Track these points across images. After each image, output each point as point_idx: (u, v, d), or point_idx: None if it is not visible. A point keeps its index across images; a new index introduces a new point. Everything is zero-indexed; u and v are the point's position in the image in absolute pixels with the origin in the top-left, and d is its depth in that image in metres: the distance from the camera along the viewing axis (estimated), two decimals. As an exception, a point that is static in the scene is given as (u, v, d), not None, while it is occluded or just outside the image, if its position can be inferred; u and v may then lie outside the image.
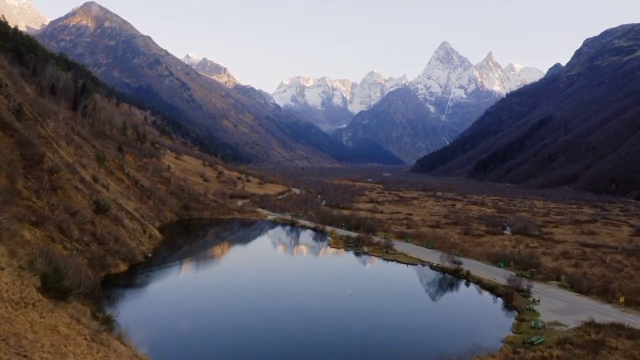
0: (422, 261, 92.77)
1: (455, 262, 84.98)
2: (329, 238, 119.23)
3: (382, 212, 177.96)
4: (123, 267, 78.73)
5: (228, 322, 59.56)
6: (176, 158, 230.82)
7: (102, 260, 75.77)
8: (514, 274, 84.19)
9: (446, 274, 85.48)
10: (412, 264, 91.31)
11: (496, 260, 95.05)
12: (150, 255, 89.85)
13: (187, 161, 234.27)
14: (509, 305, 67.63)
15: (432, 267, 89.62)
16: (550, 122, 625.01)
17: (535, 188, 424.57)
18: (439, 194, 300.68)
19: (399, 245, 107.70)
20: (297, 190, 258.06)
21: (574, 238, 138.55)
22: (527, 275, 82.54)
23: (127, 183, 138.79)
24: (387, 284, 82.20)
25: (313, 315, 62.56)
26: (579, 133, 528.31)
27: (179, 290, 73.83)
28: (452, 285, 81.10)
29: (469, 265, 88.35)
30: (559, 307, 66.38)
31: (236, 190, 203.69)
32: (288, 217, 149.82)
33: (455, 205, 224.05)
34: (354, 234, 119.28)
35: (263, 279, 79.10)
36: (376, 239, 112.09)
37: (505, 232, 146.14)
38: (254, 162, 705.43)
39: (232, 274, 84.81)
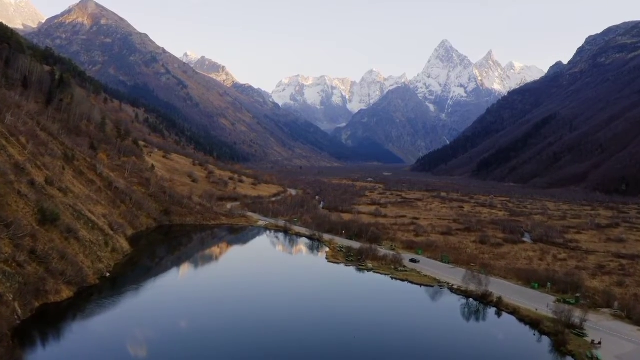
0: (439, 281, 76.46)
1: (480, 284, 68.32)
2: (327, 249, 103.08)
3: (385, 216, 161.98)
4: (67, 292, 62.64)
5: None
6: (163, 157, 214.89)
7: (39, 285, 59.73)
8: (553, 299, 68.40)
9: (470, 299, 69.27)
10: (427, 285, 74.94)
11: (527, 279, 79.09)
12: (108, 274, 73.86)
13: (175, 160, 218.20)
14: (561, 350, 51.47)
15: (452, 289, 73.35)
16: (555, 120, 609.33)
17: (541, 188, 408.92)
18: (443, 194, 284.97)
19: (408, 258, 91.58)
20: (293, 191, 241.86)
21: (602, 247, 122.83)
22: (572, 302, 66.72)
23: (99, 185, 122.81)
24: (397, 313, 65.76)
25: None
26: (585, 131, 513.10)
27: (131, 326, 57.70)
28: (478, 315, 65.01)
29: (496, 285, 72.28)
30: (627, 352, 50.55)
31: (226, 191, 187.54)
32: (281, 222, 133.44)
33: (463, 207, 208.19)
34: (355, 244, 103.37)
35: (240, 310, 62.85)
36: (382, 250, 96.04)
37: (524, 239, 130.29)
38: (251, 161, 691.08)
39: (204, 302, 67.58)
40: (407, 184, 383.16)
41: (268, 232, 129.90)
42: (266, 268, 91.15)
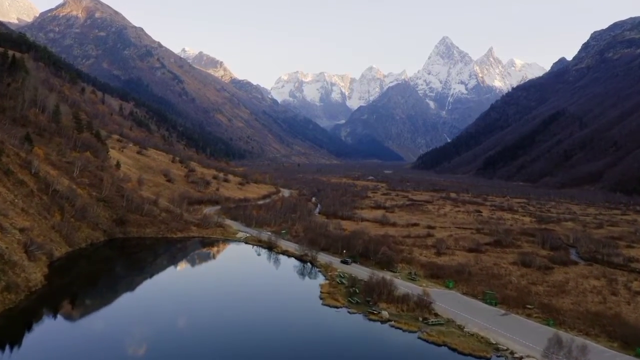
0: (495, 346, 48.86)
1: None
2: (322, 279, 75.48)
3: (394, 224, 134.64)
4: None
5: None
6: (138, 153, 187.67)
7: None
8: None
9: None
10: (478, 357, 47.59)
11: (622, 337, 52.11)
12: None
13: (151, 156, 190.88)
14: None
15: (520, 364, 46.19)
16: (563, 117, 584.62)
17: (554, 188, 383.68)
18: (453, 195, 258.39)
19: (437, 296, 64.11)
20: (286, 192, 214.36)
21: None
22: None
23: (31, 187, 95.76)
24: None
25: None
26: (597, 128, 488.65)
27: None
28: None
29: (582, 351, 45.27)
30: None
31: (206, 193, 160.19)
32: (266, 235, 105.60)
33: (480, 212, 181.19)
34: (361, 270, 76.60)
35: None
36: (399, 283, 68.61)
37: (572, 256, 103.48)
38: (248, 158, 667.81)
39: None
40: (411, 183, 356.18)
41: (248, 247, 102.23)
42: (228, 318, 58.43)
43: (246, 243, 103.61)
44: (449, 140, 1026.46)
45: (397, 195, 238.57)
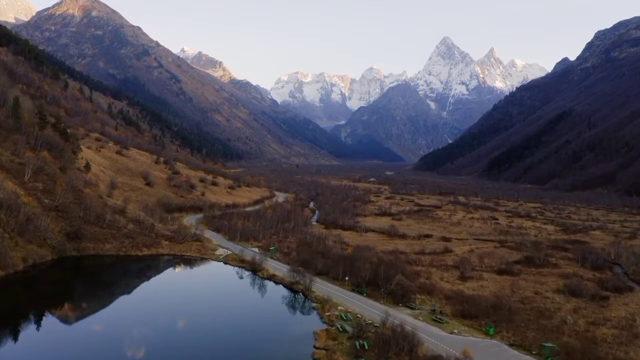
0: None
1: None
2: (317, 320, 56.43)
3: (404, 235, 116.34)
4: None
5: None
6: (117, 153, 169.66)
7: None
8: None
9: None
10: None
11: None
12: None
13: (132, 157, 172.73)
14: None
15: None
16: (570, 117, 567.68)
17: (564, 190, 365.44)
18: (461, 198, 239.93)
19: (477, 351, 45.92)
20: (281, 196, 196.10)
21: None
22: None
23: (-38, 195, 78.11)
24: None
25: None
26: (606, 128, 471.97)
27: None
28: None
29: None
30: None
31: (189, 198, 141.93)
32: (250, 253, 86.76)
33: (497, 219, 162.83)
34: (369, 308, 58.61)
35: None
36: (421, 329, 50.34)
37: (618, 274, 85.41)
38: (246, 158, 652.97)
39: None
40: (416, 185, 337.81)
41: (227, 269, 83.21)
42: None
43: (225, 263, 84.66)
44: (450, 141, 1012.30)
45: (402, 200, 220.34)
